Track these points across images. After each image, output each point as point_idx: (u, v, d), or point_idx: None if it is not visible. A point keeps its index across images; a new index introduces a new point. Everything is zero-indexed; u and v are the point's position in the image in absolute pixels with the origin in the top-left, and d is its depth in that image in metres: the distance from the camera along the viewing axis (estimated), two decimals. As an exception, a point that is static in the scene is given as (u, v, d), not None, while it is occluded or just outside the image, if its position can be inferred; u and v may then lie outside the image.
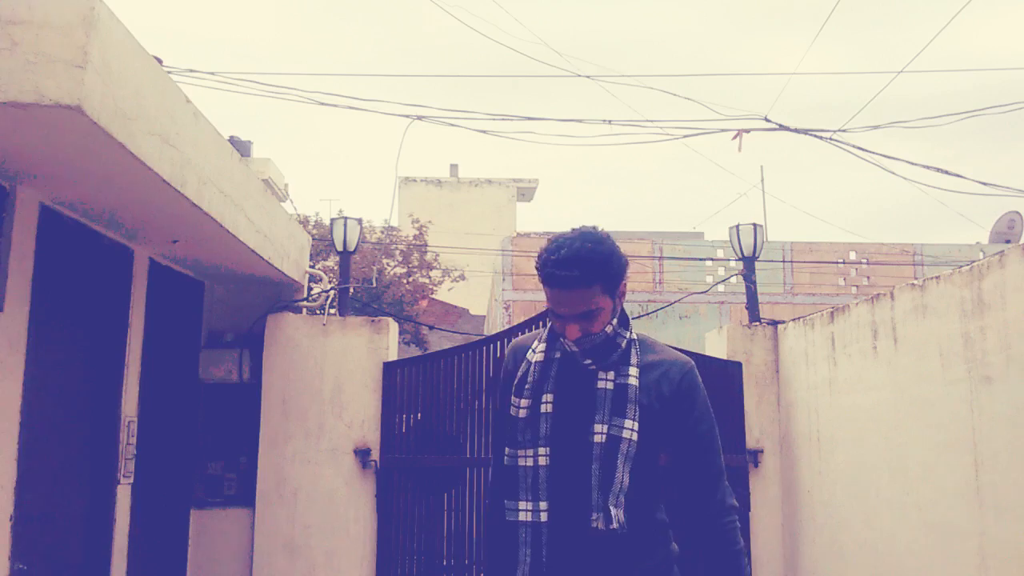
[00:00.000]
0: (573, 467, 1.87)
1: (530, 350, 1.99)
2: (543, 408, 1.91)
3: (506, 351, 2.08)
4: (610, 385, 1.89)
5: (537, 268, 1.87)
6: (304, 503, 5.29)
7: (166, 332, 4.90)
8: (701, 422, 1.95)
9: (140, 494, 4.54)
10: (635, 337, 1.96)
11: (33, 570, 3.47)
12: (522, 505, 1.89)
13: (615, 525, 1.82)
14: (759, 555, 5.47)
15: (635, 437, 1.84)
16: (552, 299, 1.85)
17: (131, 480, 4.44)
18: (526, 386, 1.94)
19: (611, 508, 1.82)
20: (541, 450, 1.88)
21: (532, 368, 1.95)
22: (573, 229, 1.90)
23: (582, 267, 1.78)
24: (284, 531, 5.26)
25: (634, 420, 1.85)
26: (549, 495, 1.88)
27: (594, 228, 1.90)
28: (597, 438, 1.85)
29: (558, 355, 1.96)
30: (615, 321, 1.91)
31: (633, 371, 1.90)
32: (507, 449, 1.93)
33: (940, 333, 3.84)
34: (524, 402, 1.93)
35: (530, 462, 1.89)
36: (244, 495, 5.36)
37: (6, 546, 3.28)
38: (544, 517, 1.87)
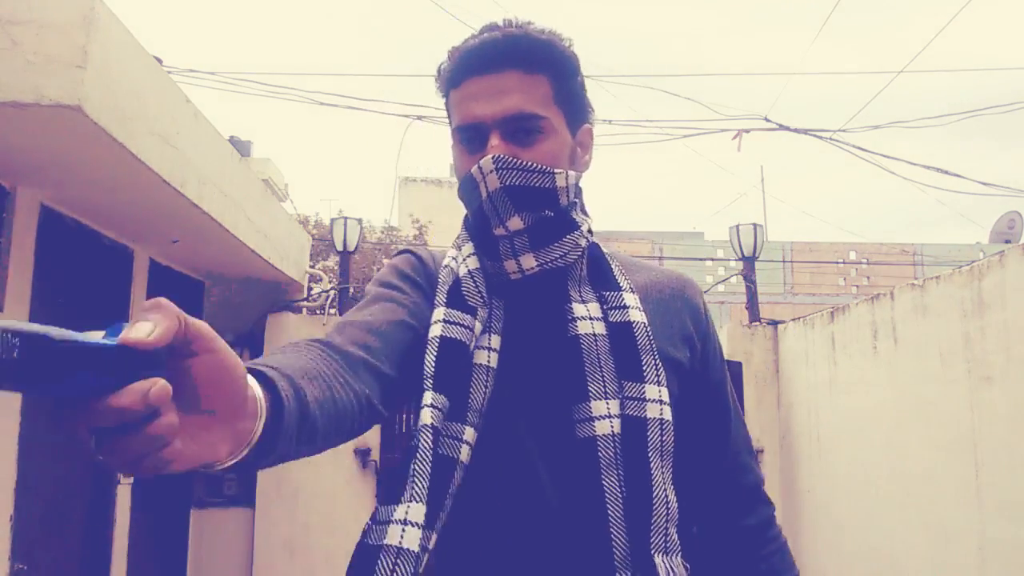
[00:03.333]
0: (542, 486, 1.01)
1: (449, 258, 1.10)
2: (479, 356, 1.01)
3: (407, 256, 1.14)
4: (599, 327, 1.04)
5: (438, 71, 1.09)
6: (304, 503, 5.29)
7: (166, 332, 4.89)
8: (723, 370, 1.20)
9: (140, 494, 4.53)
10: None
11: (33, 570, 3.47)
12: (400, 512, 0.91)
13: None
14: (759, 555, 5.47)
15: (669, 415, 1.02)
16: (463, 100, 1.04)
17: (131, 480, 4.43)
18: (468, 302, 1.03)
19: (658, 559, 0.97)
20: (467, 432, 0.97)
21: (462, 283, 1.04)
22: None
23: (516, 37, 1.04)
24: (284, 531, 5.26)
25: (659, 385, 1.03)
26: (431, 500, 0.92)
27: None
28: (601, 427, 0.99)
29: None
30: (571, 192, 1.06)
31: (630, 298, 1.07)
32: (432, 396, 0.96)
33: (940, 333, 3.84)
34: (472, 323, 1.01)
35: (437, 448, 0.95)
36: (244, 495, 5.36)
37: (6, 546, 3.28)
38: (412, 540, 0.89)
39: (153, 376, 0.51)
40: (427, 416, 0.96)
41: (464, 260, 1.07)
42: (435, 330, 1.00)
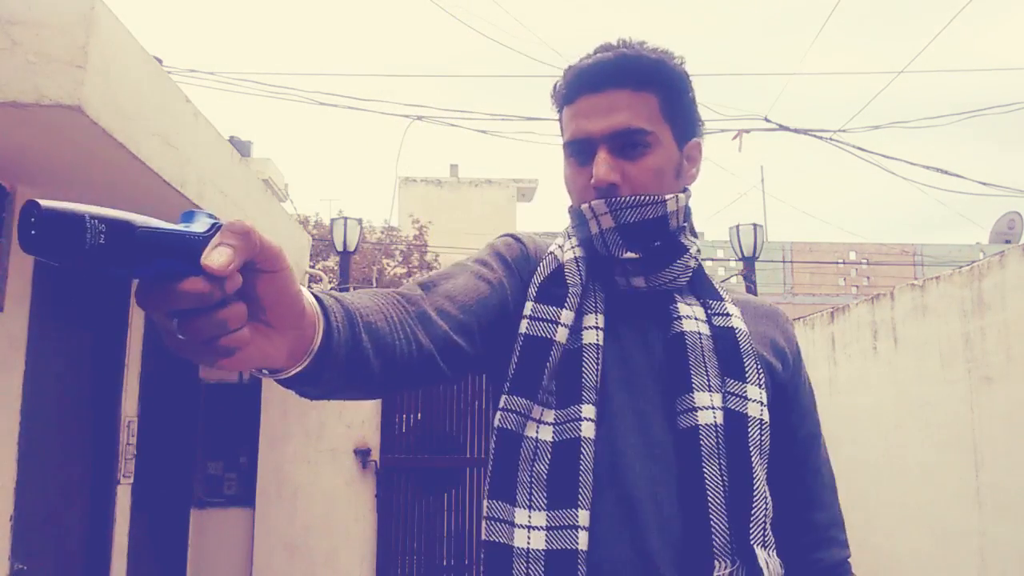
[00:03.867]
0: (648, 467, 1.00)
1: (555, 246, 1.14)
2: (587, 337, 1.03)
3: (507, 239, 1.17)
4: (704, 328, 1.07)
5: (554, 88, 1.14)
6: (304, 503, 5.29)
7: (166, 332, 4.89)
8: (813, 400, 1.24)
9: (140, 494, 4.53)
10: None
11: (33, 570, 3.47)
12: (522, 516, 0.96)
13: None
14: (759, 555, 5.47)
15: (766, 416, 1.04)
16: (575, 117, 1.09)
17: (131, 480, 4.43)
18: (561, 289, 1.06)
19: (757, 550, 0.97)
20: (585, 409, 0.99)
21: (564, 268, 1.08)
22: None
23: (627, 57, 1.07)
24: (284, 531, 5.26)
25: (760, 388, 1.05)
26: (595, 502, 0.97)
27: None
28: (704, 417, 1.00)
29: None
30: (681, 216, 1.09)
31: (732, 308, 1.11)
32: (505, 400, 1.01)
33: (940, 333, 3.84)
34: (558, 314, 1.04)
35: (550, 434, 0.99)
36: (244, 495, 5.36)
37: (6, 546, 3.28)
38: (582, 542, 0.94)
39: None
40: (497, 419, 1.01)
41: (572, 248, 1.11)
42: (522, 326, 1.04)
